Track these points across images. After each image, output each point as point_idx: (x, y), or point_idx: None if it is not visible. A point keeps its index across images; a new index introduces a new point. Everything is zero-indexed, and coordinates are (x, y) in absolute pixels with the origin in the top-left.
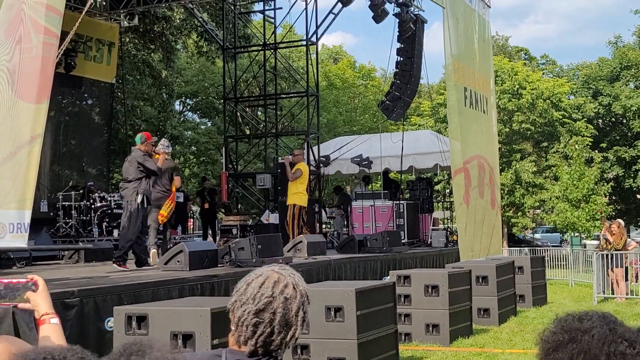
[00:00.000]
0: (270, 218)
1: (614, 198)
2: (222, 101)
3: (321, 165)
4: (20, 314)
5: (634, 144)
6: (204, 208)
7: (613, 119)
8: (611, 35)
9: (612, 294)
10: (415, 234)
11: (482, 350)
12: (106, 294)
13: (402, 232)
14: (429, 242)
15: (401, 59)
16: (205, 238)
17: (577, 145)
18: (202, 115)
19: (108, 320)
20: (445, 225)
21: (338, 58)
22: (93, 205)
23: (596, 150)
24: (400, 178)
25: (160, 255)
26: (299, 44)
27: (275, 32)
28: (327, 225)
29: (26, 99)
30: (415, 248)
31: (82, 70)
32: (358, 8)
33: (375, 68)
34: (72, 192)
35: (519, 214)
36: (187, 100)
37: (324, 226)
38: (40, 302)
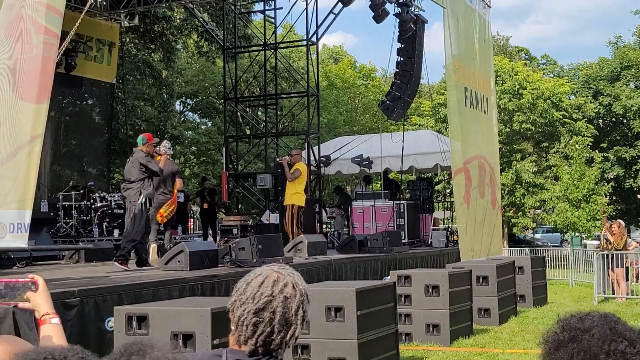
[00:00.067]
0: (271, 218)
1: (614, 198)
2: (223, 101)
3: (321, 165)
4: (20, 313)
5: (635, 144)
6: (203, 208)
7: (613, 119)
8: (611, 35)
9: (613, 294)
10: (416, 234)
11: (483, 350)
12: (106, 294)
13: (403, 232)
14: (429, 242)
15: (401, 59)
16: (205, 238)
17: (578, 145)
18: (203, 115)
19: (108, 320)
20: (446, 225)
21: (338, 58)
22: (93, 205)
23: (597, 150)
24: (400, 178)
25: (159, 255)
26: (299, 44)
27: (275, 32)
28: (328, 225)
29: (26, 98)
30: (415, 248)
31: (83, 70)
32: (358, 8)
33: (375, 68)
34: (73, 192)
35: (519, 214)
36: (188, 100)
37: (325, 226)
38: (41, 302)
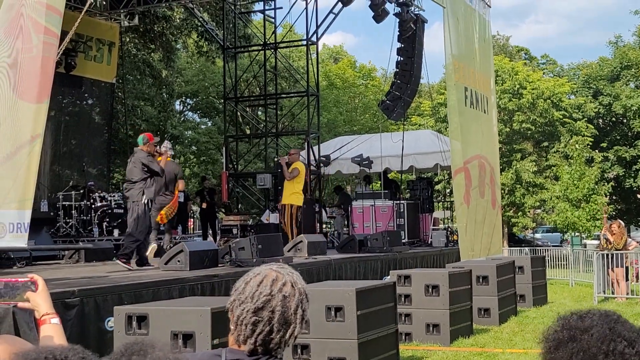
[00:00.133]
0: (271, 218)
1: (614, 198)
2: (223, 101)
3: (321, 165)
4: (20, 313)
5: (635, 143)
6: (203, 208)
7: (613, 119)
8: (611, 35)
9: (613, 293)
10: (416, 234)
11: (483, 350)
12: (106, 293)
13: (403, 232)
14: (429, 242)
15: (401, 59)
16: (205, 238)
17: (578, 145)
18: (203, 115)
19: (108, 320)
20: (446, 225)
21: (338, 58)
22: (93, 205)
23: (596, 150)
24: (400, 178)
25: (159, 255)
26: (299, 43)
27: (275, 32)
28: (328, 225)
29: (26, 98)
30: (415, 248)
31: (83, 70)
32: (358, 8)
33: (375, 68)
34: (73, 192)
35: (519, 214)
36: (188, 100)
37: (325, 226)
38: (41, 302)
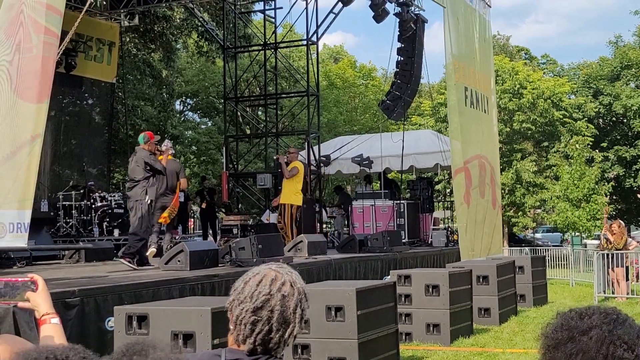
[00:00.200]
0: (271, 218)
1: (614, 198)
2: (223, 101)
3: (322, 164)
4: (20, 313)
5: (635, 143)
6: (202, 208)
7: (614, 119)
8: (611, 35)
9: (613, 293)
10: (416, 234)
11: (483, 350)
12: (107, 293)
13: (403, 232)
14: (429, 242)
15: (402, 59)
16: (205, 238)
17: (578, 145)
18: (203, 114)
19: (109, 320)
20: (446, 225)
21: (338, 58)
22: (93, 205)
23: (597, 150)
24: (400, 178)
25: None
26: (299, 43)
27: (275, 32)
28: (328, 225)
29: (26, 98)
30: (415, 248)
31: (83, 70)
32: (358, 8)
33: (375, 68)
34: (73, 192)
35: (519, 214)
36: (188, 100)
37: (325, 226)
38: (41, 302)
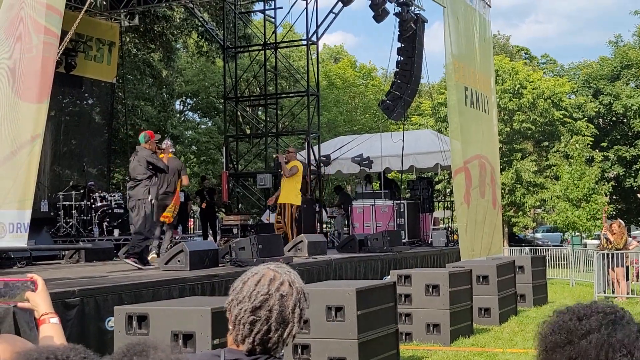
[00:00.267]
0: (271, 218)
1: (614, 197)
2: (223, 101)
3: (322, 164)
4: (20, 313)
5: (635, 143)
6: (202, 208)
7: (614, 118)
8: (611, 35)
9: (613, 293)
10: (416, 234)
11: (483, 349)
12: (107, 293)
13: (403, 232)
14: (429, 242)
15: (402, 59)
16: (205, 238)
17: (578, 145)
18: (203, 114)
19: (109, 320)
20: (446, 225)
21: (339, 57)
22: (93, 205)
23: (597, 150)
24: (400, 178)
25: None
26: (299, 43)
27: (275, 32)
28: (328, 225)
29: (26, 98)
30: (415, 248)
31: (83, 70)
32: (358, 7)
33: (375, 67)
34: (73, 192)
35: (519, 214)
36: (188, 100)
37: (325, 226)
38: (40, 302)
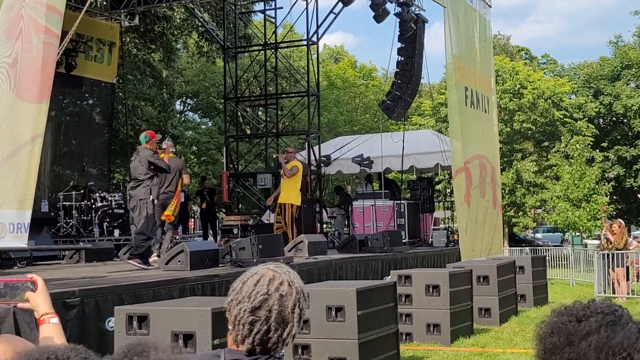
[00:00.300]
0: (271, 218)
1: (615, 197)
2: (223, 101)
3: (322, 165)
4: (21, 313)
5: (635, 143)
6: (202, 208)
7: (614, 119)
8: (612, 35)
9: (613, 293)
10: (416, 234)
11: (483, 350)
12: (107, 293)
13: (403, 232)
14: (429, 242)
15: (402, 59)
16: (205, 238)
17: (578, 145)
18: (203, 115)
19: (109, 320)
20: (446, 225)
21: (339, 58)
22: (94, 205)
23: (597, 150)
24: (401, 178)
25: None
26: (299, 43)
27: (276, 32)
28: (328, 225)
29: (26, 98)
30: (416, 248)
31: (83, 70)
32: (359, 8)
33: (376, 68)
34: (73, 192)
35: (520, 214)
36: (188, 100)
37: (325, 226)
38: (40, 302)
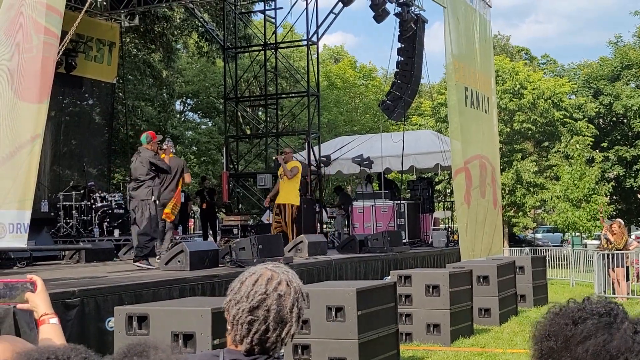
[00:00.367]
0: (271, 218)
1: (614, 198)
2: (223, 101)
3: (322, 165)
4: (21, 314)
5: (635, 143)
6: (202, 208)
7: (614, 119)
8: (612, 35)
9: (613, 293)
10: (416, 234)
11: (483, 350)
12: (107, 294)
13: (403, 232)
14: (429, 242)
15: (402, 59)
16: (205, 238)
17: (578, 145)
18: (203, 115)
19: (109, 321)
20: (446, 225)
21: (339, 58)
22: (94, 206)
23: (597, 150)
24: (400, 178)
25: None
26: (299, 43)
27: (275, 32)
28: (328, 225)
29: (26, 99)
30: (416, 248)
31: (83, 70)
32: (359, 8)
33: (376, 68)
34: (73, 192)
35: (519, 214)
36: (188, 100)
37: (325, 226)
38: (39, 303)
